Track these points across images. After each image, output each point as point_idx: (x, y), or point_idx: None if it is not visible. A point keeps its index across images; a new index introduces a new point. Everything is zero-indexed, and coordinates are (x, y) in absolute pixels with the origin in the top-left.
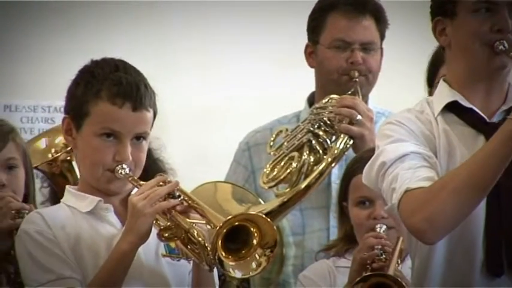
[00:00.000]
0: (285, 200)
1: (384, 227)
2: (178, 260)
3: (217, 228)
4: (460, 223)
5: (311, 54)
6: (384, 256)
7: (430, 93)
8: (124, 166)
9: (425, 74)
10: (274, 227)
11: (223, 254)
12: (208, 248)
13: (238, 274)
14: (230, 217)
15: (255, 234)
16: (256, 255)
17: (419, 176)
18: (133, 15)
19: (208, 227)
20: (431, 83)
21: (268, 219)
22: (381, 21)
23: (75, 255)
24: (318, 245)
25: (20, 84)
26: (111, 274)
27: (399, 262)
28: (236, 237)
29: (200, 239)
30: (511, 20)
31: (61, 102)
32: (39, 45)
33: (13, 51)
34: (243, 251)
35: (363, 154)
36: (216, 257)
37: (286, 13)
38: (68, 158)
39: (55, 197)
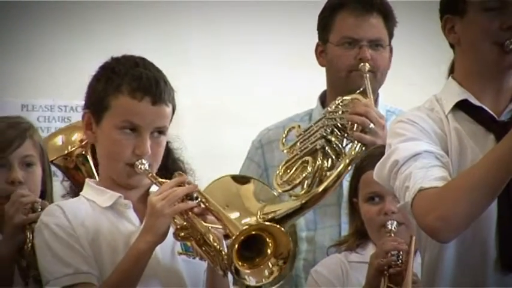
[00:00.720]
0: (303, 202)
1: (395, 223)
2: (194, 258)
3: (234, 237)
4: (474, 220)
5: (321, 53)
6: (400, 261)
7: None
8: (143, 162)
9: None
10: (290, 239)
11: (239, 263)
12: (223, 253)
13: (252, 282)
14: (246, 227)
15: (270, 244)
16: (269, 264)
17: (433, 175)
18: (147, 15)
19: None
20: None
21: (284, 231)
22: (388, 19)
23: (93, 251)
24: (329, 241)
25: (37, 84)
26: (128, 272)
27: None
28: (251, 244)
29: (216, 244)
30: None
31: (77, 102)
32: (56, 46)
33: (30, 51)
34: (257, 259)
35: (373, 151)
36: (232, 265)
37: (299, 12)
38: (83, 152)
39: (76, 190)
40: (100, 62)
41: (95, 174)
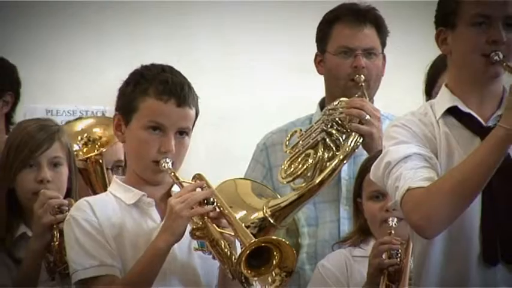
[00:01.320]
0: (301, 193)
1: (396, 219)
2: (209, 254)
3: (244, 248)
4: (456, 219)
5: (320, 62)
6: (398, 259)
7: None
8: (167, 160)
9: (424, 84)
10: (295, 254)
11: (248, 271)
12: (233, 259)
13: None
14: (257, 239)
15: (276, 257)
16: (273, 273)
17: (420, 176)
18: (162, 24)
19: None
20: (429, 92)
21: (292, 247)
22: (381, 30)
23: (117, 245)
24: (329, 235)
25: (60, 91)
26: (147, 267)
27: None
28: (259, 252)
29: (226, 250)
30: (505, 32)
31: (96, 107)
32: (78, 57)
33: (54, 61)
34: (263, 268)
35: (375, 154)
36: (241, 275)
37: (303, 21)
38: (100, 160)
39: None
40: (117, 71)
41: (106, 180)
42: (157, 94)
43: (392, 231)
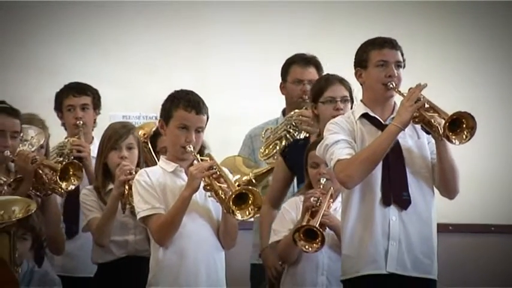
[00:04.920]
0: (271, 167)
1: (325, 179)
2: (214, 198)
3: (232, 193)
4: (366, 177)
5: (283, 88)
6: (318, 204)
7: (315, 108)
8: (190, 146)
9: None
10: (262, 197)
11: (234, 207)
12: (226, 201)
13: (239, 216)
14: (238, 188)
15: (251, 198)
16: (250, 208)
17: (345, 152)
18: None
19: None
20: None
21: (260, 193)
22: (320, 68)
23: (162, 196)
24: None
25: (131, 103)
26: (178, 209)
27: (332, 201)
28: (242, 196)
29: (223, 196)
30: (396, 71)
31: (148, 114)
32: (140, 79)
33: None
34: (243, 205)
35: (315, 141)
36: (230, 209)
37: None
38: (146, 142)
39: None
40: (161, 93)
41: (153, 155)
42: (184, 107)
43: (321, 186)
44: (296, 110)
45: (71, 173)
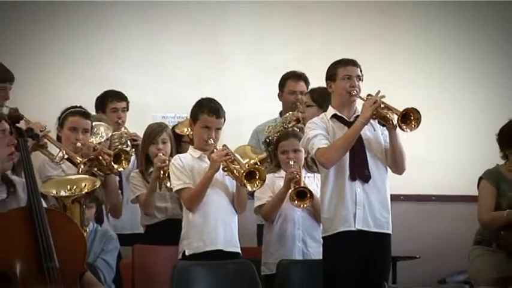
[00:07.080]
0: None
1: (292, 161)
2: (231, 176)
3: (243, 170)
4: (340, 159)
5: (282, 95)
6: (297, 177)
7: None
8: (211, 140)
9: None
10: (266, 174)
11: (246, 181)
12: (240, 178)
13: (249, 188)
14: (248, 167)
15: (257, 174)
16: (257, 182)
17: (323, 142)
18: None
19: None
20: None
21: (265, 171)
22: (307, 82)
23: (192, 175)
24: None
25: (169, 105)
26: (204, 184)
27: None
28: (251, 173)
29: (237, 174)
30: (357, 82)
31: (181, 114)
32: (179, 86)
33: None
34: (252, 180)
35: (281, 135)
36: (242, 182)
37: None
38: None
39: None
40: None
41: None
42: (207, 112)
43: (292, 166)
44: (290, 112)
45: (122, 158)
